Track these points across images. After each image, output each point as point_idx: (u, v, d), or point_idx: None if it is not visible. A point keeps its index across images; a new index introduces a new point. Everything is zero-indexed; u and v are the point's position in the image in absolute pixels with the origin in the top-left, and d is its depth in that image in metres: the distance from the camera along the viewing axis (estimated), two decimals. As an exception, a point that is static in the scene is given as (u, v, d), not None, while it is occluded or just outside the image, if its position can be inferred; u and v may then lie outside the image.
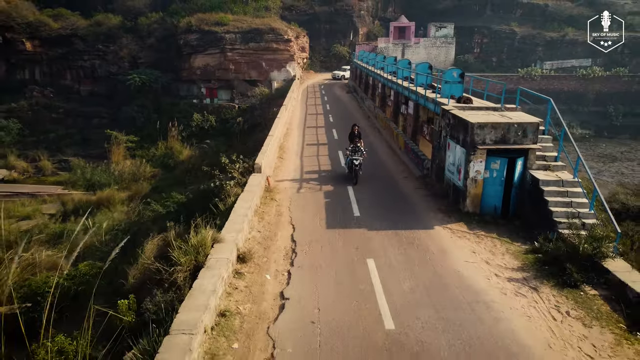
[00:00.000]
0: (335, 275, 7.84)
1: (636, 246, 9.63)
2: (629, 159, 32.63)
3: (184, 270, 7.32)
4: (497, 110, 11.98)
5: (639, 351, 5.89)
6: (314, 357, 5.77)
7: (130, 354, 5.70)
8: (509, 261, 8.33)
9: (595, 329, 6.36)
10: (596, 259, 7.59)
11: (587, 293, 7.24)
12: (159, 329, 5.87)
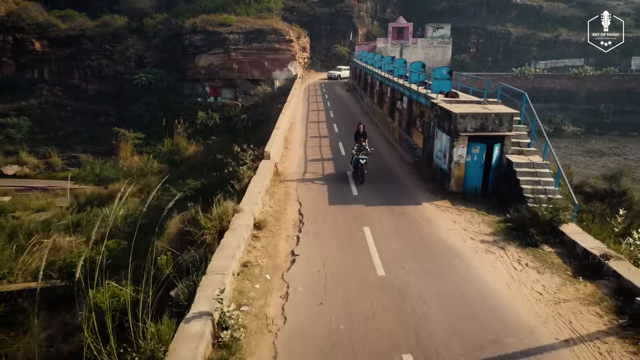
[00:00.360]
0: (337, 239, 9.38)
1: (597, 219, 11.19)
2: (617, 154, 34.18)
3: (211, 233, 8.86)
4: (480, 103, 13.50)
5: (577, 289, 7.43)
6: (321, 294, 7.30)
7: (176, 289, 7.22)
8: (483, 228, 9.88)
9: (546, 275, 7.90)
10: (554, 224, 9.13)
11: (544, 250, 8.79)
12: (196, 272, 7.40)
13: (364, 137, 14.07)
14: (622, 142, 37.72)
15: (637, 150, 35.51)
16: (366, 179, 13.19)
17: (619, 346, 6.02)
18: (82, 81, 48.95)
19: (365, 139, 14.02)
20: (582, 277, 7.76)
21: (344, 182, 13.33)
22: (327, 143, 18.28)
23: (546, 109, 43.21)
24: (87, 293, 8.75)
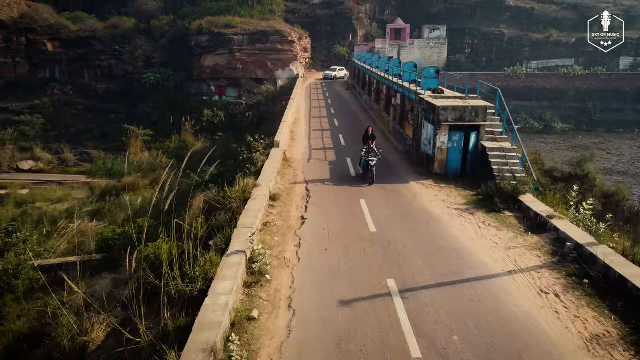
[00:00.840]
0: (338, 208, 11.52)
1: (557, 195, 13.32)
2: (601, 149, 36.31)
3: (236, 202, 11.00)
4: (462, 98, 15.62)
5: (525, 240, 9.58)
6: (326, 244, 9.43)
7: (214, 239, 9.35)
8: (458, 200, 12.02)
9: (504, 231, 10.05)
10: (514, 195, 11.28)
11: (505, 215, 10.93)
12: (228, 228, 9.52)
13: (373, 139, 14.24)
14: (607, 138, 39.88)
15: (619, 145, 37.66)
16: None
17: (548, 274, 8.16)
18: (92, 80, 51.02)
19: (374, 141, 14.19)
20: (530, 232, 9.91)
21: (343, 166, 15.48)
22: (329, 135, 20.42)
23: (537, 106, 45.43)
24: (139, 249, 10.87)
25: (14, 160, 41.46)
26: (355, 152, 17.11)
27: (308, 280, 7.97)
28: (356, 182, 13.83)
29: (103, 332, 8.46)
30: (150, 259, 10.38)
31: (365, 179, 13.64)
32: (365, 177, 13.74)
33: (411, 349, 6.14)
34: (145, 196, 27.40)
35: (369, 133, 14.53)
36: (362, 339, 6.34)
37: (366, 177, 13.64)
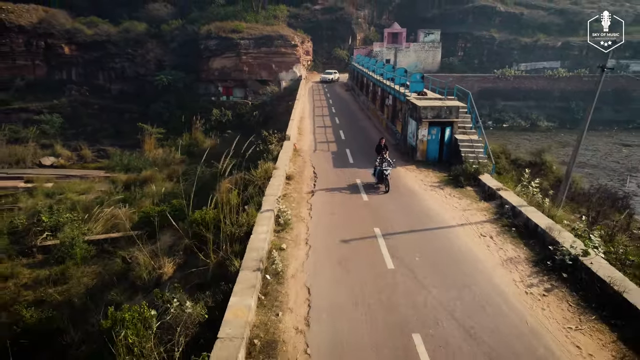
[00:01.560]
0: (339, 185, 14.91)
1: (513, 176, 16.70)
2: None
3: (261, 180, 14.38)
4: (441, 99, 19.01)
5: (478, 205, 12.98)
6: (332, 209, 12.80)
7: (249, 205, 12.70)
8: (433, 180, 15.42)
9: (463, 200, 13.45)
10: (476, 175, 14.67)
11: (467, 189, 14.34)
12: (258, 197, 12.88)
13: (385, 149, 14.89)
14: (587, 136, 43.08)
15: (597, 142, 41.06)
16: (359, 153, 18.73)
17: (489, 225, 11.57)
18: (106, 82, 54.43)
19: (387, 151, 14.83)
20: (483, 200, 13.33)
21: (343, 155, 18.88)
22: (331, 131, 23.82)
23: (524, 106, 48.89)
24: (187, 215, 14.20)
25: (37, 156, 44.74)
26: (354, 144, 20.50)
27: (318, 229, 11.36)
28: (353, 166, 17.25)
29: (172, 268, 11.81)
30: (198, 221, 13.76)
31: (377, 188, 14.40)
32: (376, 186, 14.49)
33: (387, 264, 9.54)
34: (167, 186, 30.82)
35: (381, 144, 15.20)
36: (355, 260, 9.74)
37: (380, 185, 14.41)
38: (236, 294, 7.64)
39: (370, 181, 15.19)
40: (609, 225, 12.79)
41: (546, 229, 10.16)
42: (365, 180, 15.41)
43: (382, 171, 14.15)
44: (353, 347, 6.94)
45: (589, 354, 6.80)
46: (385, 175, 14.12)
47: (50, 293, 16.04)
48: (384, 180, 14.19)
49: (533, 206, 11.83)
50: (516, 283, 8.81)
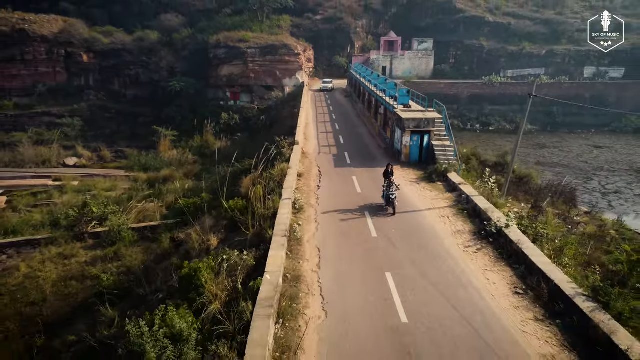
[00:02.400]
0: (339, 180, 19.26)
1: (476, 174, 21.02)
2: (555, 146, 44.09)
3: (278, 176, 18.70)
4: (422, 111, 23.33)
5: (444, 195, 17.33)
6: (334, 197, 17.14)
7: (271, 195, 17.00)
8: (413, 177, 19.77)
9: (433, 192, 17.81)
10: (445, 173, 19.01)
11: (437, 184, 18.70)
12: (277, 190, 17.20)
13: (392, 174, 16.28)
14: (565, 138, 47.65)
15: (572, 144, 45.40)
16: (356, 155, 23.05)
17: (449, 210, 15.91)
18: (121, 87, 58.72)
19: (393, 176, 16.24)
20: (448, 192, 17.69)
21: (343, 157, 23.22)
22: (332, 136, 28.16)
23: (509, 110, 53.25)
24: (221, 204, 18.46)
25: (61, 157, 49.03)
26: (351, 148, 24.82)
27: (324, 213, 15.69)
28: (351, 165, 21.59)
29: (216, 241, 16.08)
30: (232, 208, 18.03)
31: (385, 209, 15.83)
32: (384, 208, 15.89)
33: (372, 234, 13.87)
34: (188, 184, 35.00)
35: (389, 170, 16.55)
36: (350, 231, 14.08)
37: (387, 207, 15.81)
38: (272, 249, 11.94)
39: (364, 177, 19.54)
40: (542, 210, 17.14)
41: (484, 210, 14.52)
42: (360, 176, 19.76)
43: (389, 195, 15.63)
44: (348, 280, 11.27)
45: (493, 283, 11.14)
46: (392, 199, 15.54)
47: (110, 267, 20.33)
48: (391, 203, 15.63)
49: (483, 196, 16.17)
50: (458, 245, 13.17)
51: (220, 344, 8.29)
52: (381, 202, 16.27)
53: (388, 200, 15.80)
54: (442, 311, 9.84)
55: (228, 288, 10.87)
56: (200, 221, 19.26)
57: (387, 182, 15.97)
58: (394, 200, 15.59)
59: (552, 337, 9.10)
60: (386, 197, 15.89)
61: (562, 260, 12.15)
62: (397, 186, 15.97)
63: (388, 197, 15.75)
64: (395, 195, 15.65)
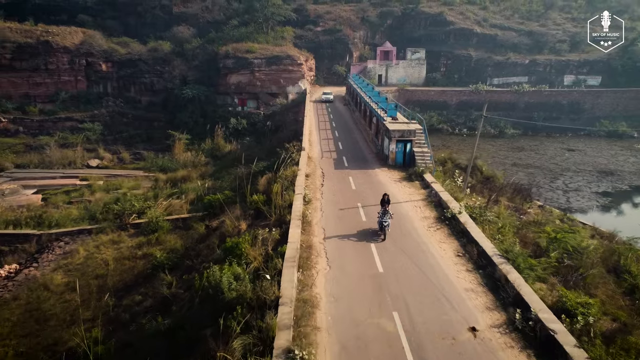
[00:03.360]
0: (338, 180, 24.61)
1: (448, 174, 26.29)
2: (532, 149, 49.41)
3: (290, 176, 23.98)
4: (406, 123, 28.58)
5: (419, 191, 22.67)
6: (334, 194, 22.45)
7: (287, 192, 22.25)
8: (396, 177, 25.10)
9: (411, 188, 23.15)
10: (422, 174, 24.32)
11: (415, 183, 24.03)
12: (291, 188, 22.47)
13: (388, 203, 17.38)
14: (542, 141, 52.98)
15: (548, 147, 50.70)
16: (352, 159, 28.33)
17: (421, 202, 21.24)
18: (137, 94, 63.98)
19: (389, 204, 17.36)
20: (422, 188, 23.01)
21: (341, 161, 28.53)
22: (332, 143, 33.46)
23: (494, 116, 58.48)
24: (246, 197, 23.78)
25: (84, 159, 54.25)
26: (348, 153, 30.10)
27: (327, 204, 20.98)
28: (348, 168, 26.87)
29: (245, 225, 21.31)
30: (256, 201, 23.25)
31: (379, 235, 17.06)
32: (379, 233, 17.12)
33: (362, 219, 19.18)
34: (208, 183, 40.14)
35: (385, 198, 17.88)
36: (346, 217, 19.39)
37: (380, 233, 16.99)
38: (291, 228, 17.16)
39: (359, 177, 24.85)
40: (498, 202, 22.45)
41: (445, 201, 19.82)
42: (355, 177, 25.06)
43: (382, 222, 16.78)
44: (344, 247, 16.54)
45: (443, 249, 16.42)
46: (384, 226, 16.74)
47: (154, 250, 25.53)
48: (383, 230, 16.86)
49: (447, 192, 21.47)
50: (424, 226, 18.46)
51: (264, 281, 13.51)
52: (373, 198, 21.57)
53: (381, 226, 16.94)
54: (406, 265, 15.13)
55: (262, 253, 16.12)
56: (228, 212, 24.52)
57: (383, 210, 17.14)
58: (386, 228, 16.80)
59: (474, 279, 14.39)
60: (380, 224, 17.06)
61: (498, 236, 17.42)
62: (391, 215, 17.18)
63: (381, 223, 16.91)
64: (388, 223, 16.80)
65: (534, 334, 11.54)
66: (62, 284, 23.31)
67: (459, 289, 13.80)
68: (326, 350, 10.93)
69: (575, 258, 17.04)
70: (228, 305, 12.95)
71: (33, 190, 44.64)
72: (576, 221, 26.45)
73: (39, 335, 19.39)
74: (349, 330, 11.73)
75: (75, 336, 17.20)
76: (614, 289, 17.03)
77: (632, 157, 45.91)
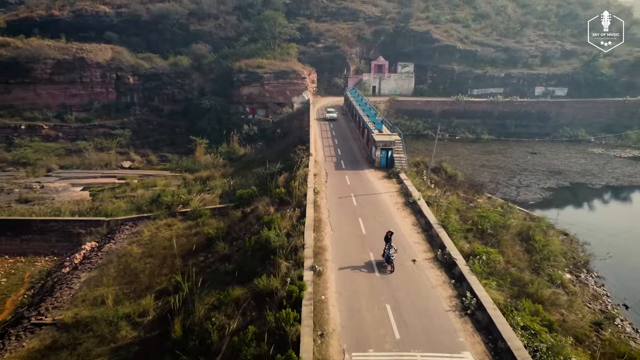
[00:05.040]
0: (337, 179, 34.44)
1: (418, 174, 36.02)
2: (501, 152, 59.15)
3: (303, 175, 33.66)
4: (389, 135, 38.23)
5: (395, 185, 32.43)
6: (335, 188, 32.12)
7: (302, 186, 31.87)
8: (380, 175, 34.89)
9: (390, 183, 32.94)
10: (398, 174, 34.07)
11: (392, 179, 33.86)
12: (304, 184, 32.12)
13: (391, 239, 19.96)
14: (511, 145, 62.75)
15: (516, 150, 60.43)
16: (348, 162, 38.03)
17: (396, 193, 30.97)
18: (160, 103, 73.53)
19: (391, 240, 19.91)
20: (398, 184, 32.76)
21: (340, 164, 38.29)
22: (332, 149, 43.17)
23: (472, 123, 68.33)
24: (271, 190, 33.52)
25: (118, 160, 63.76)
26: (345, 158, 39.83)
27: (330, 194, 30.74)
28: (344, 169, 36.53)
29: (273, 209, 30.84)
30: (278, 193, 32.93)
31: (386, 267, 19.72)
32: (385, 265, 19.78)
33: (354, 204, 28.97)
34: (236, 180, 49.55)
35: (388, 235, 20.22)
36: (343, 202, 29.16)
37: (386, 264, 19.54)
38: (307, 209, 26.80)
39: (352, 176, 34.51)
40: (453, 193, 32.19)
41: (410, 192, 29.54)
42: (349, 175, 34.70)
43: (389, 256, 19.23)
44: (342, 220, 26.30)
45: (405, 221, 26.14)
46: (391, 259, 19.28)
47: (205, 228, 35.07)
48: (390, 262, 19.30)
49: (414, 186, 31.15)
50: (395, 208, 28.24)
51: (294, 236, 23.07)
52: (362, 190, 31.26)
53: (388, 259, 19.44)
54: (380, 230, 24.79)
55: (289, 224, 25.76)
56: (257, 202, 34.09)
57: (388, 245, 19.67)
58: (393, 260, 19.53)
59: (421, 237, 24.14)
60: (386, 257, 19.55)
61: (442, 214, 27.07)
62: (395, 249, 19.79)
63: (388, 256, 19.44)
64: (394, 256, 19.47)
65: (446, 261, 21.20)
66: (139, 253, 32.91)
67: (410, 242, 23.48)
68: (330, 268, 20.58)
69: (496, 229, 26.80)
70: (273, 251, 22.55)
71: (80, 187, 54.34)
72: (515, 208, 36.17)
73: (134, 283, 28.98)
74: (343, 260, 21.45)
75: (163, 281, 26.85)
76: (519, 249, 27.05)
77: (582, 159, 55.73)
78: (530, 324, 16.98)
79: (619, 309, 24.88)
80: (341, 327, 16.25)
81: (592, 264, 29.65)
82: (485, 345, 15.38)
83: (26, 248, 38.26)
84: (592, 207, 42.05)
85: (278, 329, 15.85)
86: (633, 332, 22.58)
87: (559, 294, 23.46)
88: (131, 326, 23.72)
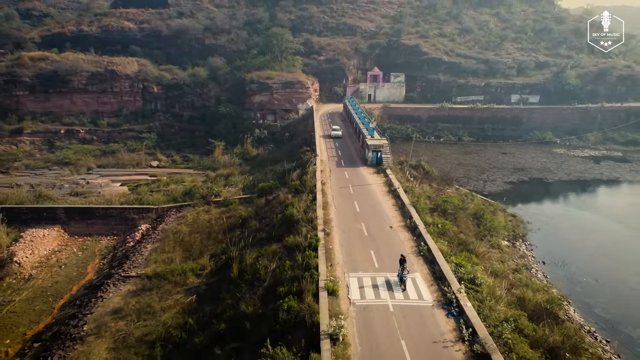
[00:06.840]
0: (339, 174, 45.37)
1: (401, 169, 46.92)
2: (477, 153, 70.04)
3: (311, 171, 44.48)
4: (379, 139, 49.06)
5: (382, 179, 43.30)
6: (338, 182, 43.01)
7: (312, 179, 42.66)
8: (371, 172, 45.86)
9: (379, 177, 43.88)
10: (384, 169, 44.95)
11: (380, 174, 44.80)
12: (313, 178, 42.94)
13: (405, 262, 23.08)
14: (487, 147, 73.64)
15: (490, 150, 71.31)
16: (347, 162, 48.94)
17: (383, 186, 41.92)
18: (181, 110, 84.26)
19: (406, 262, 23.15)
20: (384, 177, 43.66)
21: (340, 162, 49.19)
22: (333, 151, 54.00)
23: (454, 127, 79.24)
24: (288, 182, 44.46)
25: (147, 160, 74.32)
26: (344, 157, 50.74)
27: (333, 185, 41.67)
28: (344, 166, 47.35)
29: (290, 196, 41.52)
30: (294, 185, 43.81)
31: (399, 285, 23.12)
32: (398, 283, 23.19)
33: (351, 192, 39.85)
34: (255, 177, 60.48)
35: (401, 258, 23.41)
36: (343, 192, 40.07)
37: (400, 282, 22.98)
38: (317, 195, 37.61)
39: (350, 172, 45.37)
40: (427, 184, 43.15)
41: (393, 183, 40.43)
42: (348, 172, 45.52)
43: (402, 277, 22.65)
44: (342, 202, 37.25)
45: (387, 203, 37.05)
46: (404, 280, 22.71)
47: (237, 212, 45.79)
48: (403, 282, 22.79)
49: (397, 179, 41.99)
50: (381, 194, 39.20)
51: (310, 211, 33.84)
52: (357, 182, 42.14)
53: (401, 280, 22.64)
54: (369, 209, 35.68)
55: (305, 205, 36.57)
56: (277, 191, 44.86)
57: (401, 268, 22.70)
58: (406, 281, 22.81)
59: (397, 213, 35.12)
60: (400, 278, 22.78)
61: (415, 199, 37.86)
62: (407, 271, 23.10)
63: (402, 278, 22.54)
64: (407, 278, 22.93)
65: (412, 227, 32.02)
66: (188, 231, 43.67)
67: (390, 217, 34.33)
68: (335, 231, 31.38)
69: (455, 210, 37.61)
70: (296, 221, 33.31)
71: (118, 183, 65.07)
72: (477, 196, 47.10)
73: (189, 250, 39.72)
74: (344, 226, 32.29)
75: (211, 249, 37.68)
76: (471, 224, 38.03)
77: (545, 159, 66.72)
78: (460, 262, 27.74)
79: (538, 265, 35.81)
80: (343, 261, 27.05)
81: (527, 236, 40.60)
82: (429, 270, 26.16)
83: (91, 230, 49.03)
84: (541, 196, 53.00)
85: (302, 264, 26.58)
86: (542, 277, 33.48)
87: (493, 252, 34.38)
88: (195, 276, 34.50)
